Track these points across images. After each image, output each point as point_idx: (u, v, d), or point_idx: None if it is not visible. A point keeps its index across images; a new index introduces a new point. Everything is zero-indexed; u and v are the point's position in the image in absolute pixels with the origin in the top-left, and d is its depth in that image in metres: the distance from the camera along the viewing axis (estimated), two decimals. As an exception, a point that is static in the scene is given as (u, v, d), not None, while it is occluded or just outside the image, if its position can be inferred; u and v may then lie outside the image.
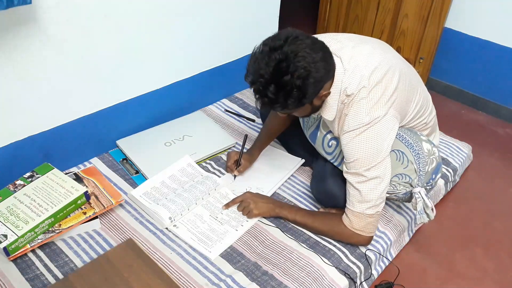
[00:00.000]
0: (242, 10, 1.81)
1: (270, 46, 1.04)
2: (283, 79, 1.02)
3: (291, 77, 1.02)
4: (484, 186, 1.82)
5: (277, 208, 1.34)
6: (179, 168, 1.49)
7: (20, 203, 1.23)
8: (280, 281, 1.18)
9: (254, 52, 1.07)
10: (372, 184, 1.16)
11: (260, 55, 1.05)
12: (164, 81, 1.67)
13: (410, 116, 1.27)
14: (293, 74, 1.02)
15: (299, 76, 1.02)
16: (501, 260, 1.50)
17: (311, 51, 1.04)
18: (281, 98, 1.05)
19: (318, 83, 1.07)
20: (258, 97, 1.08)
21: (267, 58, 1.03)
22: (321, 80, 1.08)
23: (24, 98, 1.28)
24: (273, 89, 1.04)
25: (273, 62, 1.02)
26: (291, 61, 1.02)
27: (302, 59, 1.02)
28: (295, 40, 1.04)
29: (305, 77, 1.03)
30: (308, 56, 1.03)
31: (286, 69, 1.02)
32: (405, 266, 1.41)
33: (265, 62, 1.03)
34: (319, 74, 1.05)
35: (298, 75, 1.02)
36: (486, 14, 2.14)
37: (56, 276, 1.16)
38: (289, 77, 1.02)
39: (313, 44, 1.06)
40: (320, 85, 1.10)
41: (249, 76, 1.08)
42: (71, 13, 1.26)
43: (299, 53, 1.02)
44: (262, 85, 1.05)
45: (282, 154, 1.63)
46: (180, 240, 1.28)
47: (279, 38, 1.05)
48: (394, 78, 1.17)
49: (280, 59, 1.02)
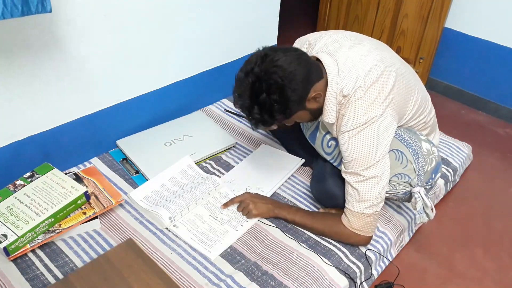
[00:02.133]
0: (242, 10, 1.81)
1: (244, 71, 1.11)
2: (260, 98, 1.08)
3: (266, 95, 1.08)
4: (484, 186, 1.82)
5: (276, 209, 1.34)
6: (180, 170, 1.49)
7: (20, 203, 1.23)
8: (280, 281, 1.18)
9: (235, 79, 1.14)
10: (370, 183, 1.16)
11: (238, 82, 1.12)
12: (164, 81, 1.68)
13: (409, 116, 1.27)
14: (268, 92, 1.07)
15: (274, 92, 1.08)
16: (501, 260, 1.50)
17: (282, 63, 1.08)
18: (266, 116, 1.11)
19: (297, 90, 1.10)
20: (249, 119, 1.15)
21: (244, 84, 1.10)
22: (300, 87, 1.11)
23: (24, 98, 1.29)
24: (257, 110, 1.10)
25: (248, 86, 1.09)
26: (263, 80, 1.07)
27: (274, 74, 1.07)
28: (264, 58, 1.09)
29: (281, 90, 1.08)
30: (278, 70, 1.07)
31: (260, 89, 1.08)
32: (405, 266, 1.41)
33: (243, 88, 1.10)
34: (294, 82, 1.09)
35: (272, 91, 1.07)
36: (486, 14, 2.15)
37: (56, 276, 1.16)
38: (265, 95, 1.08)
39: (284, 55, 1.10)
40: (301, 91, 1.12)
41: (236, 102, 1.15)
42: (71, 13, 1.26)
43: (269, 69, 1.07)
44: (247, 109, 1.12)
45: (282, 154, 1.63)
46: (180, 240, 1.28)
47: (251, 61, 1.11)
48: (390, 77, 1.17)
49: (253, 81, 1.08)
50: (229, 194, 1.44)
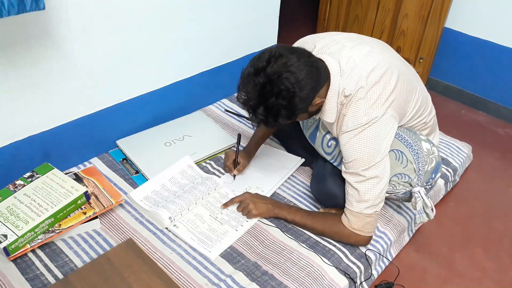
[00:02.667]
0: (242, 10, 1.81)
1: (255, 68, 1.07)
2: (269, 101, 1.05)
3: (276, 99, 1.05)
4: (484, 186, 1.82)
5: (276, 209, 1.34)
6: (180, 170, 1.49)
7: (20, 203, 1.23)
8: (280, 281, 1.18)
9: (243, 73, 1.10)
10: (370, 183, 1.16)
11: (247, 78, 1.08)
12: (164, 81, 1.68)
13: (409, 116, 1.27)
14: (278, 96, 1.05)
15: (284, 97, 1.05)
16: (501, 260, 1.50)
17: (295, 70, 1.05)
18: (270, 118, 1.08)
19: (305, 99, 1.09)
20: (251, 116, 1.12)
21: (252, 82, 1.06)
22: (308, 96, 1.09)
23: (24, 98, 1.28)
24: (262, 111, 1.07)
25: (258, 86, 1.05)
26: (274, 83, 1.04)
27: (286, 80, 1.04)
28: (278, 59, 1.05)
29: (291, 97, 1.05)
30: (291, 76, 1.04)
31: (270, 92, 1.04)
32: (405, 266, 1.41)
33: (251, 86, 1.06)
34: (304, 91, 1.07)
35: (283, 96, 1.05)
36: (486, 14, 2.15)
37: (56, 276, 1.16)
38: (274, 99, 1.05)
39: (298, 60, 1.07)
40: (308, 100, 1.11)
41: (240, 98, 1.11)
42: (71, 13, 1.26)
43: (282, 74, 1.04)
44: (251, 108, 1.09)
45: (282, 153, 1.63)
46: (180, 240, 1.28)
47: (263, 59, 1.07)
48: (392, 78, 1.17)
49: (264, 82, 1.04)
50: (229, 194, 1.44)
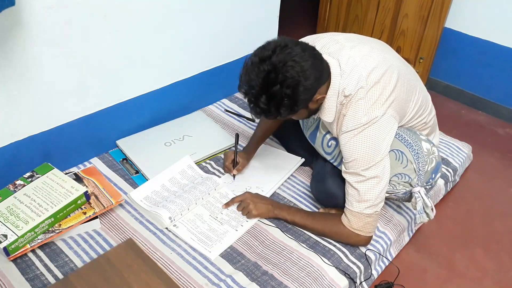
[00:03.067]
0: (242, 10, 1.81)
1: (259, 56, 1.06)
2: (273, 89, 1.04)
3: (280, 87, 1.04)
4: (484, 186, 1.82)
5: (276, 209, 1.34)
6: (180, 170, 1.49)
7: (20, 203, 1.23)
8: (280, 281, 1.18)
9: (246, 63, 1.09)
10: (370, 183, 1.16)
11: (251, 66, 1.07)
12: (164, 81, 1.68)
13: (409, 116, 1.27)
14: (282, 84, 1.04)
15: (289, 86, 1.04)
16: (501, 260, 1.50)
17: (300, 60, 1.05)
18: (272, 107, 1.07)
19: (309, 90, 1.08)
20: (252, 107, 1.11)
21: (256, 69, 1.06)
22: (312, 87, 1.09)
23: (24, 98, 1.28)
24: (265, 100, 1.06)
25: (262, 74, 1.05)
26: (279, 71, 1.04)
27: (291, 68, 1.04)
28: (283, 49, 1.06)
29: (295, 86, 1.05)
30: (296, 65, 1.04)
31: (275, 80, 1.04)
32: (405, 266, 1.41)
33: (255, 74, 1.06)
34: (309, 81, 1.06)
35: (287, 84, 1.04)
36: (486, 14, 2.14)
37: (56, 276, 1.16)
38: (278, 87, 1.04)
39: (303, 51, 1.07)
40: (312, 92, 1.11)
41: (242, 87, 1.10)
42: (71, 13, 1.26)
43: (287, 62, 1.04)
44: (253, 96, 1.08)
45: (282, 153, 1.63)
46: (180, 240, 1.28)
47: (268, 48, 1.07)
48: (392, 78, 1.17)
49: (269, 70, 1.04)
50: (229, 194, 1.44)
